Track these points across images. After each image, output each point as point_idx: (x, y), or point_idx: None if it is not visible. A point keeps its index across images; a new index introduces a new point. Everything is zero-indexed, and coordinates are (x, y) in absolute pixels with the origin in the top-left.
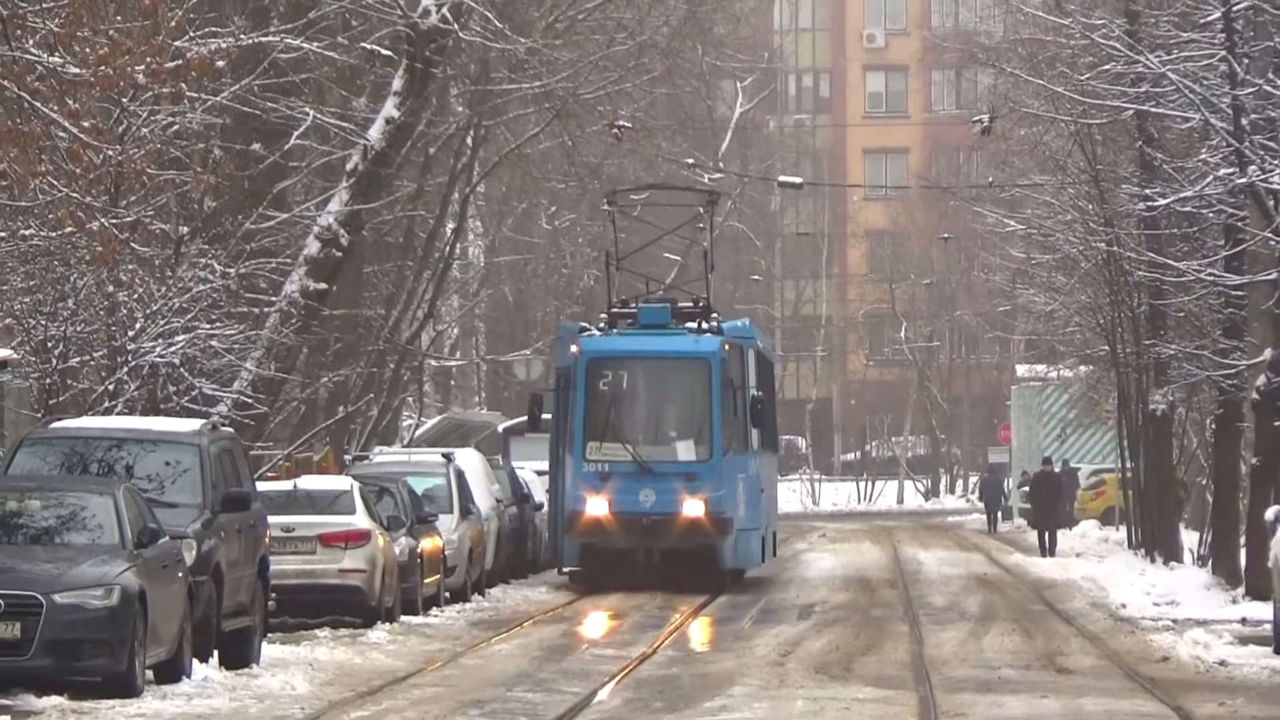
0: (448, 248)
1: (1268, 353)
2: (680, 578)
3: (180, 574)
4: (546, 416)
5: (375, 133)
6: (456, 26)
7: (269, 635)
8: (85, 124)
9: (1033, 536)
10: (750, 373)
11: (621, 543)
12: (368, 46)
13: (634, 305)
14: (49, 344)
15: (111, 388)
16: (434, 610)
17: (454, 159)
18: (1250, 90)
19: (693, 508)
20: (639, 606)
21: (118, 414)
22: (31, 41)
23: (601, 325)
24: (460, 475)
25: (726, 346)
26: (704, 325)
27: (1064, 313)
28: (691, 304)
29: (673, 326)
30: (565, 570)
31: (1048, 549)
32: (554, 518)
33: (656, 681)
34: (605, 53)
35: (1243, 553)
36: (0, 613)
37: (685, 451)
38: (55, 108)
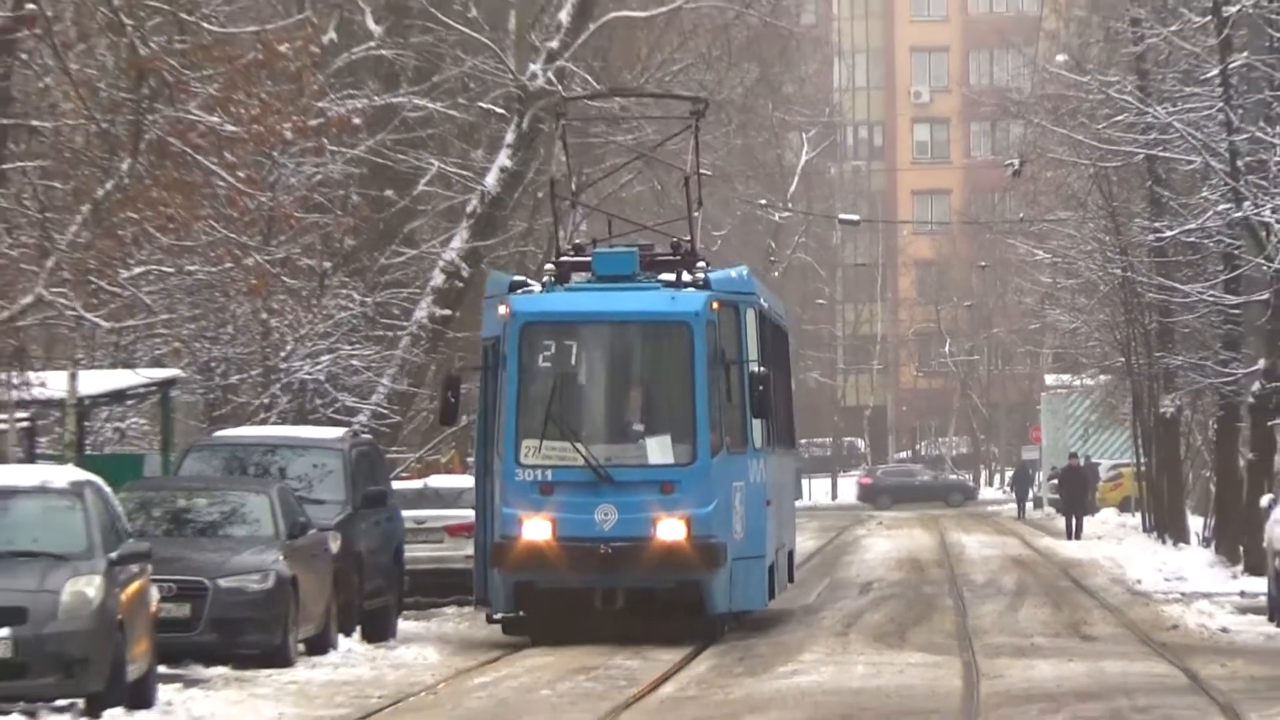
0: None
1: (1261, 363)
2: (651, 628)
3: (327, 561)
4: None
5: (491, 179)
6: (560, 88)
7: (404, 613)
8: (241, 174)
9: (1059, 522)
10: (749, 341)
11: (571, 580)
12: (484, 105)
13: (591, 251)
14: (212, 364)
15: (266, 401)
16: None
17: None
18: (1244, 136)
19: (670, 530)
20: None
21: (271, 424)
22: (194, 104)
23: (546, 279)
24: None
25: (715, 305)
26: (685, 277)
27: (1085, 330)
28: (670, 250)
29: (642, 279)
30: (495, 617)
31: (1074, 533)
32: (480, 544)
33: (738, 649)
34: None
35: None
36: (173, 595)
37: (659, 452)
38: (215, 161)
